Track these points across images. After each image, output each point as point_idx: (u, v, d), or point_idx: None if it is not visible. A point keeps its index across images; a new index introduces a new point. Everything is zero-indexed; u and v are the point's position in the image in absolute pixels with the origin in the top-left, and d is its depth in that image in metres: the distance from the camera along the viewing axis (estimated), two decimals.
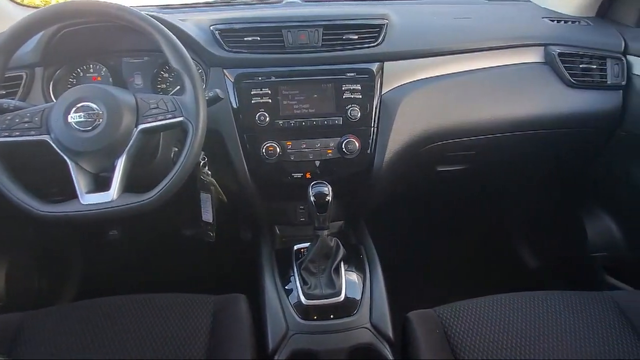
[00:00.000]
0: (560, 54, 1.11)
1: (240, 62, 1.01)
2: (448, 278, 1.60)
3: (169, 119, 0.81)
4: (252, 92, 1.00)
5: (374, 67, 1.03)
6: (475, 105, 1.07)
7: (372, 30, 1.05)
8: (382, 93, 1.04)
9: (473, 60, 1.09)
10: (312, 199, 0.90)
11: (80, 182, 0.79)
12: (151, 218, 1.23)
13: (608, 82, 1.12)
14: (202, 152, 0.96)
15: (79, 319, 0.88)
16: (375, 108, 1.03)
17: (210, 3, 1.28)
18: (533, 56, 1.13)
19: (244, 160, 1.02)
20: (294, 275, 0.95)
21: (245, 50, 1.02)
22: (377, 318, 0.89)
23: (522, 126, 1.10)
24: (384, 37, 1.05)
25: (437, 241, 1.73)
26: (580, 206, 1.39)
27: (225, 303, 0.92)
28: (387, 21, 1.06)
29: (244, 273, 1.14)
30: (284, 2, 1.25)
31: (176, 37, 0.85)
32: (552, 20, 1.20)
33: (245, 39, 1.02)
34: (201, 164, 0.97)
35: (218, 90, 0.91)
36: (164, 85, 1.07)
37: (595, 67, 1.12)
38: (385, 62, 1.04)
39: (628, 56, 1.13)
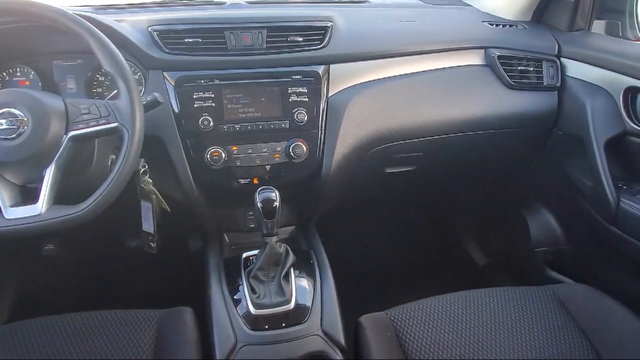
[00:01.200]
0: (499, 57, 1.14)
1: (181, 65, 0.97)
2: (400, 279, 1.61)
3: (102, 125, 0.76)
4: (195, 96, 0.96)
5: (320, 69, 1.02)
6: (420, 107, 1.08)
7: (317, 33, 1.04)
8: (329, 96, 1.03)
9: (417, 62, 1.11)
10: (259, 205, 0.88)
11: (3, 194, 0.73)
12: (91, 230, 1.16)
13: (544, 84, 1.16)
14: (142, 159, 0.92)
15: (12, 342, 0.81)
16: (323, 111, 1.02)
17: (149, 4, 1.23)
18: (474, 59, 1.16)
19: (188, 167, 0.98)
20: (242, 285, 0.92)
21: (186, 53, 0.98)
22: (329, 324, 0.88)
23: (465, 127, 1.12)
24: (329, 39, 1.04)
25: (389, 243, 1.74)
26: (523, 203, 1.45)
27: (169, 317, 0.88)
28: (332, 23, 1.06)
29: (192, 284, 1.10)
30: (227, 4, 1.22)
31: (111, 38, 0.80)
32: (491, 24, 1.24)
33: (185, 40, 0.98)
34: (141, 171, 0.92)
35: (157, 94, 0.86)
36: (99, 90, 1.01)
37: (532, 69, 1.16)
38: (331, 65, 1.04)
39: (562, 59, 1.18)
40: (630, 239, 1.01)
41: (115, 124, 0.76)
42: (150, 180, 0.94)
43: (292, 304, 0.88)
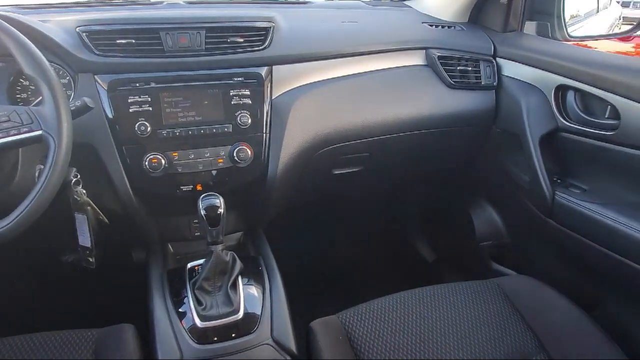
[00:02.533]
0: (439, 57, 1.17)
1: (114, 67, 0.92)
2: (352, 280, 1.62)
3: (24, 133, 0.70)
4: (130, 100, 0.91)
5: (263, 71, 1.00)
6: (364, 108, 1.08)
7: (259, 34, 1.02)
8: (273, 98, 1.01)
9: (360, 63, 1.11)
10: (202, 212, 0.84)
11: None
12: (23, 245, 1.08)
13: (482, 83, 1.20)
14: (74, 169, 0.86)
15: None
16: (267, 113, 0.99)
17: (78, 3, 1.16)
18: (415, 59, 1.18)
19: (125, 176, 0.93)
20: (187, 297, 0.88)
21: (119, 55, 0.93)
22: (279, 332, 0.85)
23: (409, 126, 1.14)
24: (271, 40, 1.02)
25: (339, 244, 1.74)
26: (468, 199, 1.49)
27: (109, 336, 0.82)
28: (273, 24, 1.04)
29: (135, 299, 1.04)
30: (164, 3, 1.17)
31: (34, 40, 0.75)
32: (431, 25, 1.27)
33: (118, 41, 0.93)
34: (73, 181, 0.86)
35: (87, 99, 0.81)
36: (24, 95, 0.94)
37: (470, 69, 1.20)
38: (273, 66, 1.02)
39: (497, 59, 1.22)
40: (565, 231, 1.06)
41: (39, 132, 0.70)
42: (84, 191, 0.88)
43: (241, 314, 0.85)
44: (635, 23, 1.25)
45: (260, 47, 1.01)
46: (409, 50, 1.17)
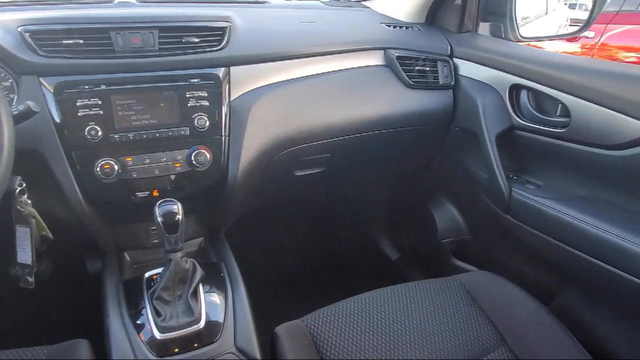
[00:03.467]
0: (398, 57, 1.18)
1: (60, 69, 0.87)
2: (317, 282, 1.61)
3: None
4: (79, 103, 0.86)
5: (220, 72, 0.97)
6: (324, 109, 1.08)
7: (215, 34, 0.99)
8: (231, 100, 0.98)
9: (319, 63, 1.10)
10: (159, 219, 0.81)
11: None
12: None
13: (440, 83, 1.22)
14: (19, 177, 0.80)
15: None
16: (225, 115, 0.97)
17: (22, 1, 1.09)
18: (374, 59, 1.18)
19: (75, 183, 0.88)
20: (145, 307, 0.84)
21: (66, 56, 0.87)
22: (243, 339, 0.83)
23: (370, 126, 1.14)
24: (228, 40, 1.00)
25: (304, 246, 1.73)
26: (429, 197, 1.51)
27: (61, 353, 0.78)
28: (230, 24, 1.01)
29: (90, 312, 0.99)
30: (115, 2, 1.12)
31: None
32: (389, 26, 1.28)
33: (64, 42, 0.88)
34: (17, 191, 0.81)
35: (31, 103, 0.76)
36: None
37: (428, 69, 1.21)
38: (231, 67, 0.99)
39: (454, 59, 1.25)
40: (522, 226, 1.09)
41: None
42: (29, 201, 0.83)
43: (202, 323, 0.82)
44: (581, 25, 1.30)
45: (217, 48, 0.98)
46: (367, 50, 1.17)
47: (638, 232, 0.86)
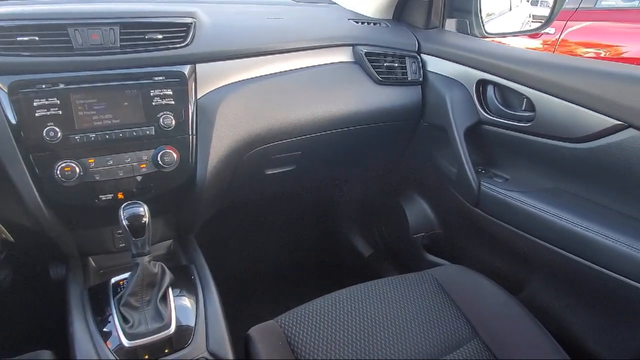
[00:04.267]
0: (367, 54, 1.18)
1: (14, 68, 0.82)
2: (291, 282, 1.60)
3: None
4: (36, 103, 0.82)
5: (186, 69, 0.94)
6: (294, 106, 1.07)
7: (179, 30, 0.96)
8: (198, 98, 0.96)
9: (288, 60, 1.09)
10: (124, 222, 0.78)
11: None
12: None
13: (409, 79, 1.23)
14: None
15: None
16: (192, 114, 0.94)
17: None
18: (343, 56, 1.18)
19: (34, 187, 0.84)
20: (112, 315, 0.81)
21: (22, 53, 0.83)
22: (215, 343, 0.82)
23: (340, 123, 1.14)
24: (193, 37, 0.97)
25: (276, 245, 1.72)
26: (400, 193, 1.52)
27: None
28: (195, 20, 0.99)
29: (54, 321, 0.95)
30: None
31: None
32: (357, 22, 1.27)
33: (18, 39, 0.83)
34: None
35: None
36: None
37: (397, 65, 1.22)
38: (197, 64, 0.97)
39: (422, 54, 1.25)
40: (491, 219, 1.11)
41: None
42: None
43: (173, 328, 0.80)
44: (543, 21, 1.33)
45: (182, 44, 0.95)
46: (336, 47, 1.17)
47: (599, 222, 0.89)
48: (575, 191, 1.00)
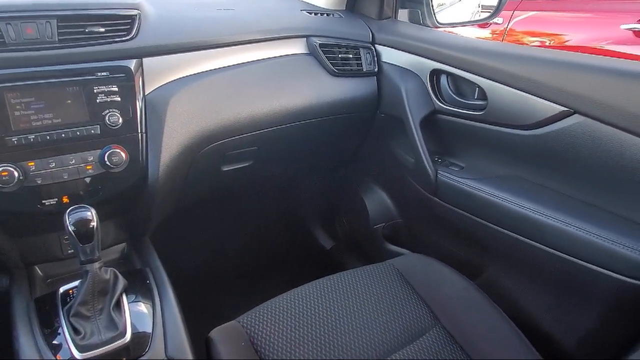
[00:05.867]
0: (321, 45, 1.16)
1: None
2: (254, 279, 1.58)
3: None
4: None
5: (132, 64, 0.90)
6: (248, 100, 1.04)
7: (123, 22, 0.91)
8: (146, 94, 0.91)
9: (240, 53, 1.06)
10: (70, 228, 0.73)
11: None
12: None
13: (364, 70, 1.22)
14: None
15: None
16: (140, 111, 0.90)
17: None
18: (297, 47, 1.16)
19: None
20: (61, 326, 0.77)
21: None
22: (175, 349, 0.78)
23: (296, 117, 1.12)
24: (138, 29, 0.92)
25: (237, 243, 1.69)
26: (360, 184, 1.53)
27: None
28: (139, 11, 0.94)
29: None
30: None
31: None
32: (310, 13, 1.26)
33: None
34: None
35: None
36: None
37: (352, 56, 1.21)
38: (144, 59, 0.92)
39: (376, 45, 1.25)
40: (448, 207, 1.13)
41: None
42: None
43: (128, 336, 0.76)
44: (491, 11, 1.36)
45: (126, 38, 0.90)
46: (289, 38, 1.15)
47: (550, 206, 0.92)
48: (528, 177, 1.03)
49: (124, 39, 0.90)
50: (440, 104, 1.15)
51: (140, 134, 0.90)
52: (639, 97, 0.77)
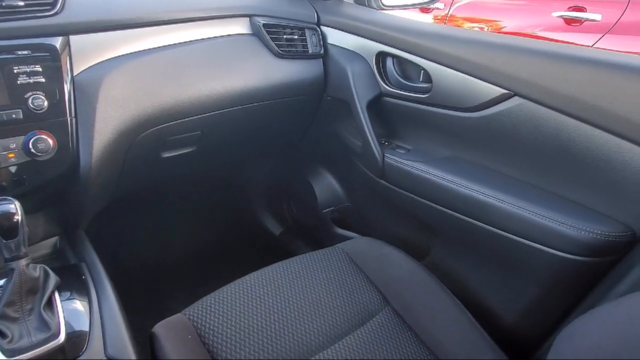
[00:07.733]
0: (265, 25, 1.12)
1: None
2: (202, 270, 1.53)
3: None
4: None
5: (57, 42, 0.82)
6: (188, 82, 0.98)
7: None
8: (75, 75, 0.84)
9: (178, 32, 1.00)
10: None
11: None
12: None
13: (309, 52, 1.20)
14: None
15: None
16: (69, 94, 0.83)
17: None
18: (240, 27, 1.11)
19: None
20: None
21: None
22: (115, 346, 0.74)
23: (240, 100, 1.08)
24: (64, 4, 0.84)
25: (181, 233, 1.63)
26: (307, 168, 1.51)
27: None
28: None
29: None
30: None
31: None
32: None
33: None
34: None
35: None
36: None
37: (297, 37, 1.18)
38: (70, 36, 0.84)
39: (322, 27, 1.23)
40: (395, 189, 1.13)
41: None
42: None
43: (62, 337, 0.71)
44: None
45: (50, 13, 0.82)
46: (231, 17, 1.09)
47: (493, 187, 0.95)
48: (472, 158, 1.06)
49: (46, 14, 0.82)
50: (387, 87, 1.15)
51: (69, 119, 0.83)
52: (573, 80, 0.80)
